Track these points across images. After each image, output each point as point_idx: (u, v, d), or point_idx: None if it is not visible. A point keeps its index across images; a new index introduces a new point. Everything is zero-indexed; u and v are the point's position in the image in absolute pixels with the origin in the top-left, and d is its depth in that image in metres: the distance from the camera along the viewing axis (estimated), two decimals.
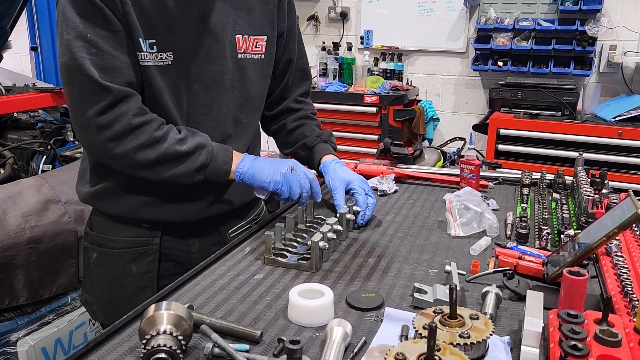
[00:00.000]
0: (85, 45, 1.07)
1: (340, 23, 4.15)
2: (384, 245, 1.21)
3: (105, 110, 1.08)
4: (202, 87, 1.21)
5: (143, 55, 1.12)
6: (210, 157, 1.17)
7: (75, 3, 1.07)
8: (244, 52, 1.26)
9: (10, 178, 2.06)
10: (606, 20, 3.33)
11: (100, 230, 1.30)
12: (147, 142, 1.12)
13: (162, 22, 1.13)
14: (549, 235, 1.18)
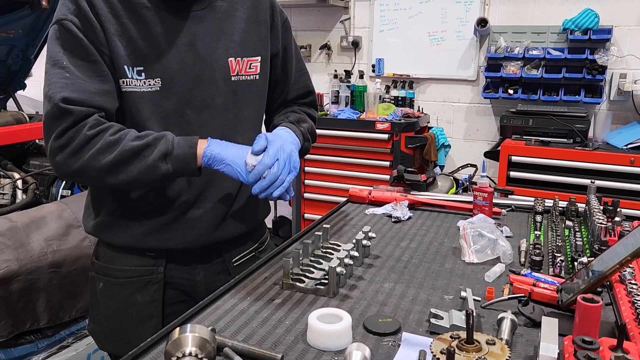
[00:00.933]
0: (60, 72, 1.11)
1: (352, 52, 4.23)
2: (399, 271, 1.23)
3: (64, 132, 1.10)
4: (193, 111, 1.23)
5: (128, 81, 1.17)
6: (172, 145, 1.13)
7: (58, 35, 1.13)
8: (237, 74, 1.28)
9: (32, 203, 2.11)
10: (616, 49, 3.37)
11: (105, 260, 1.32)
12: (103, 147, 1.11)
13: (149, 50, 1.17)
14: (562, 263, 1.19)
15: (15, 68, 2.89)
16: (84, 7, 1.13)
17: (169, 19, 1.19)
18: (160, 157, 1.12)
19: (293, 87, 1.47)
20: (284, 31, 1.39)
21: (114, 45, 1.15)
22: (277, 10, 1.37)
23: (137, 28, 1.16)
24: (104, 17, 1.14)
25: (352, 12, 4.19)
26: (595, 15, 3.35)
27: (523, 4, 3.67)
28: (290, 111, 1.45)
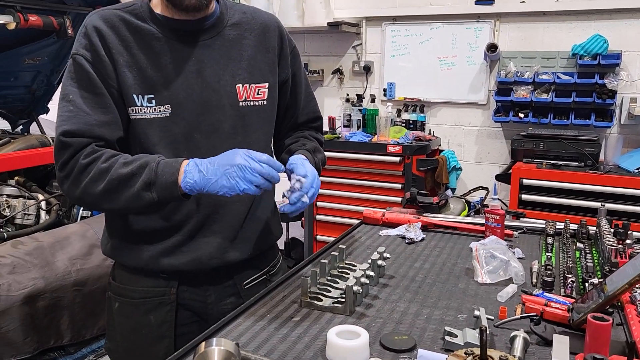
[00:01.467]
0: (66, 105, 1.20)
1: (364, 76, 4.31)
2: (413, 290, 1.27)
3: (66, 163, 1.18)
4: (202, 135, 1.28)
5: (137, 109, 1.23)
6: (155, 174, 1.15)
7: (71, 68, 1.22)
8: (245, 99, 1.33)
9: (55, 224, 2.18)
10: (625, 74, 3.41)
11: (121, 280, 1.36)
12: (95, 175, 1.16)
13: (159, 78, 1.24)
14: (573, 284, 1.22)
15: (39, 93, 3.00)
16: (95, 43, 1.21)
17: (178, 48, 1.25)
18: (144, 187, 1.15)
19: (302, 112, 1.52)
20: (292, 58, 1.44)
21: (124, 76, 1.21)
22: (285, 38, 1.42)
23: (147, 58, 1.23)
24: (115, 50, 1.21)
25: (364, 38, 4.29)
26: (604, 41, 3.41)
27: (532, 30, 3.74)
28: (302, 136, 1.50)
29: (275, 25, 1.40)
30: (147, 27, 1.24)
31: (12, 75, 2.77)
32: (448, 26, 3.98)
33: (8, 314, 1.52)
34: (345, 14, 4.22)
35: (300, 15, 4.14)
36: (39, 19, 2.33)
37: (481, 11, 3.83)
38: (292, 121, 1.51)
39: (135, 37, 1.23)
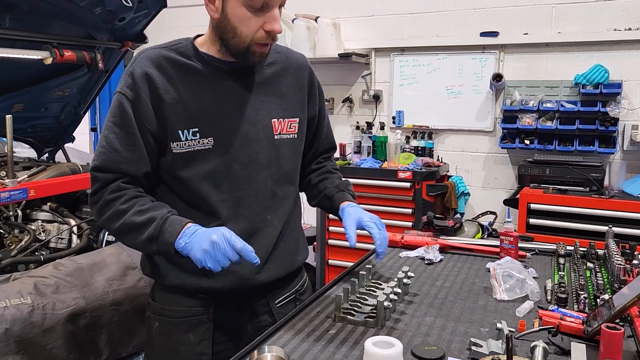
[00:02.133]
0: (101, 141, 1.34)
1: (374, 104, 4.46)
2: (437, 307, 1.37)
3: (94, 194, 1.33)
4: (240, 166, 1.38)
5: (182, 144, 1.32)
6: (159, 230, 1.27)
7: (114, 103, 1.34)
8: (280, 133, 1.43)
9: (86, 248, 2.28)
10: (626, 102, 3.54)
11: (161, 301, 1.45)
12: (112, 215, 1.30)
13: (203, 113, 1.33)
14: (586, 300, 1.32)
15: (66, 123, 3.14)
16: (139, 84, 1.30)
17: (221, 85, 1.37)
18: (148, 240, 1.28)
19: (322, 143, 1.65)
20: (319, 95, 1.58)
21: (169, 114, 1.32)
22: (314, 76, 1.55)
23: (192, 93, 1.34)
24: (162, 89, 1.31)
25: (373, 68, 4.45)
26: (605, 71, 3.55)
27: (535, 61, 3.90)
28: (327, 171, 1.64)
29: (306, 65, 1.53)
30: (192, 64, 1.35)
31: (43, 106, 2.92)
32: (454, 57, 4.14)
33: (53, 331, 1.61)
34: (355, 45, 4.40)
35: (312, 47, 4.31)
36: (73, 54, 2.48)
37: (486, 43, 4.00)
38: (313, 151, 1.64)
39: (180, 73, 1.34)
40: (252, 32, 1.28)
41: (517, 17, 3.91)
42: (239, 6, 1.25)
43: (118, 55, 2.92)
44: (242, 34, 1.28)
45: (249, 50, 1.30)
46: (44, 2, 2.32)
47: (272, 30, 1.28)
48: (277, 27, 1.27)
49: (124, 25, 2.71)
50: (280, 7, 1.30)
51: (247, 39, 1.28)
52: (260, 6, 1.25)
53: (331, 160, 1.70)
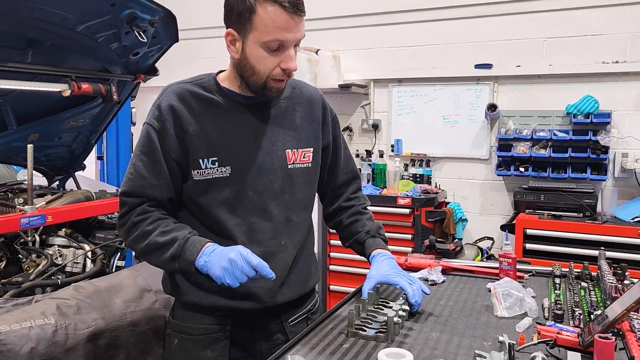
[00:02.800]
0: (129, 168, 1.46)
1: (373, 133, 4.60)
2: (442, 323, 1.46)
3: (123, 216, 1.45)
4: (255, 193, 1.47)
5: (202, 172, 1.43)
6: (181, 249, 1.37)
7: (142, 133, 1.46)
8: (293, 162, 1.52)
9: (100, 272, 2.37)
10: (616, 131, 3.69)
11: (181, 319, 1.54)
12: (139, 235, 1.42)
13: (223, 143, 1.44)
14: (581, 316, 1.41)
15: (78, 152, 3.25)
16: (166, 116, 1.43)
17: (240, 117, 1.48)
18: (171, 258, 1.39)
19: (342, 172, 1.73)
20: (333, 125, 1.68)
21: (192, 144, 1.43)
22: (327, 108, 1.66)
23: (213, 124, 1.45)
24: (185, 120, 1.43)
25: (372, 98, 4.61)
26: (595, 101, 3.71)
27: (528, 91, 4.06)
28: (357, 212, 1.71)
29: (319, 98, 1.65)
30: (214, 98, 1.47)
31: (57, 135, 3.03)
32: (450, 87, 4.30)
33: (75, 351, 1.69)
34: (354, 77, 4.56)
35: (312, 78, 4.47)
36: (89, 86, 2.61)
37: (481, 74, 4.17)
38: (334, 181, 1.72)
39: (203, 106, 1.46)
40: (269, 70, 1.39)
41: (509, 50, 4.09)
42: (256, 47, 1.37)
43: (130, 87, 3.05)
44: (259, 72, 1.40)
45: (266, 86, 1.42)
46: (65, 37, 2.46)
47: (287, 68, 1.40)
48: (292, 66, 1.39)
49: (138, 60, 2.85)
50: (296, 46, 1.42)
51: (264, 76, 1.40)
52: (277, 47, 1.37)
53: (359, 198, 1.76)
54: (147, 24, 2.62)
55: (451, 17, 4.26)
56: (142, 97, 5.25)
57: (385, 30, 4.51)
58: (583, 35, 3.86)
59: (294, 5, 1.33)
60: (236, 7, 1.36)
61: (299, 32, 1.38)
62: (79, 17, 2.42)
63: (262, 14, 1.33)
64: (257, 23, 1.34)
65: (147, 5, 2.56)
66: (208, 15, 5.08)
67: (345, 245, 1.77)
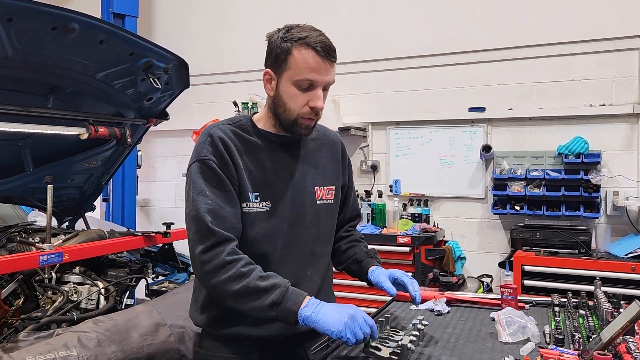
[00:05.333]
0: (203, 199, 1.47)
1: (372, 174, 4.74)
2: (450, 348, 1.55)
3: (209, 249, 1.43)
4: (288, 226, 1.57)
5: (249, 205, 1.53)
6: (283, 297, 1.38)
7: (201, 170, 1.50)
8: (321, 199, 1.66)
9: (112, 309, 2.43)
10: (606, 171, 3.85)
11: (209, 349, 1.61)
12: (234, 275, 1.40)
13: (263, 180, 1.56)
14: (580, 339, 1.51)
15: (89, 193, 3.35)
16: (221, 150, 1.51)
17: (276, 157, 1.60)
18: (270, 305, 1.39)
19: (349, 210, 1.87)
20: (349, 167, 1.83)
21: (242, 177, 1.53)
22: (345, 151, 1.81)
23: (254, 162, 1.57)
24: (235, 156, 1.53)
25: (371, 140, 4.77)
26: (585, 142, 3.88)
27: (521, 133, 4.24)
28: (354, 240, 1.84)
29: (339, 142, 1.79)
30: (253, 139, 1.59)
31: (70, 177, 3.14)
32: (446, 129, 4.48)
33: None
34: (353, 120, 4.74)
35: None
36: (106, 129, 2.74)
37: (475, 117, 4.35)
38: (341, 217, 1.84)
39: (244, 146, 1.57)
40: (299, 108, 1.51)
41: (502, 94, 4.29)
42: (289, 85, 1.50)
43: (142, 131, 3.19)
44: (290, 109, 1.52)
45: (296, 122, 1.54)
46: (85, 84, 2.60)
47: (314, 106, 1.52)
48: (319, 104, 1.52)
49: (151, 104, 3.00)
50: (325, 90, 1.56)
51: (294, 113, 1.52)
52: (307, 86, 1.51)
53: (357, 231, 1.90)
54: (161, 72, 2.78)
55: (446, 63, 4.48)
56: (146, 140, 5.42)
57: (383, 75, 4.72)
58: (571, 79, 4.07)
59: (325, 51, 1.48)
60: (275, 49, 1.52)
61: (328, 75, 1.51)
62: (99, 65, 2.57)
63: (296, 55, 1.48)
64: (291, 63, 1.48)
65: (162, 54, 2.72)
66: (208, 62, 5.33)
67: (339, 268, 1.86)
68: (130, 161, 4.55)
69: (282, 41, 1.50)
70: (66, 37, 2.25)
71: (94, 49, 2.42)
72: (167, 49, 2.77)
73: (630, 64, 3.92)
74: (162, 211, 5.68)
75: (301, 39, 1.48)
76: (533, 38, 4.16)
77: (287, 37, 1.49)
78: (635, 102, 3.89)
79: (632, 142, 3.90)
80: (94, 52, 2.45)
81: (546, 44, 4.12)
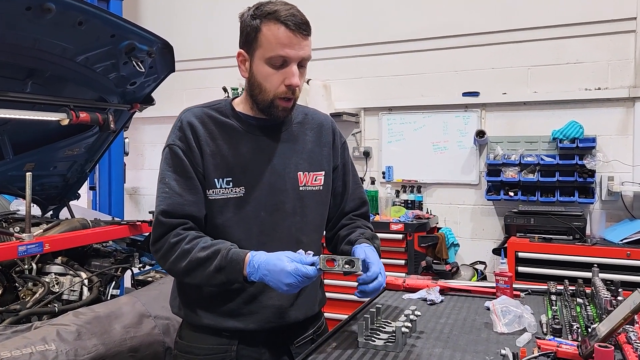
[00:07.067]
0: (162, 188, 1.48)
1: (364, 160, 4.66)
2: (444, 340, 1.48)
3: (157, 240, 1.46)
4: (267, 213, 1.51)
5: (216, 191, 1.47)
6: (225, 260, 1.37)
7: (167, 157, 1.50)
8: (305, 185, 1.57)
9: (95, 300, 2.36)
10: (601, 155, 3.79)
11: (188, 339, 1.56)
12: (179, 254, 1.41)
13: (237, 164, 1.49)
14: (578, 330, 1.45)
15: (72, 181, 3.26)
16: (188, 135, 1.49)
17: (254, 140, 1.54)
18: (216, 271, 1.38)
19: (350, 198, 1.74)
20: (342, 151, 1.71)
21: (208, 163, 1.49)
22: (337, 133, 1.70)
23: (229, 147, 1.51)
24: (203, 141, 1.49)
25: (363, 126, 4.69)
26: (580, 126, 3.82)
27: (515, 118, 4.17)
28: (356, 226, 1.69)
29: (329, 125, 1.69)
30: (229, 122, 1.53)
31: (52, 164, 3.04)
32: (439, 115, 4.40)
33: None
34: (345, 105, 4.65)
35: None
36: (87, 115, 2.64)
37: (468, 102, 4.28)
38: (342, 207, 1.72)
39: (219, 129, 1.52)
40: (274, 87, 1.45)
41: (496, 78, 4.21)
42: (262, 64, 1.44)
43: (126, 116, 3.09)
44: (266, 89, 1.46)
45: (273, 104, 1.48)
46: (64, 68, 2.50)
47: (290, 84, 1.45)
48: (294, 81, 1.44)
49: (135, 89, 2.90)
50: (302, 67, 1.48)
51: (270, 93, 1.46)
52: (280, 64, 1.44)
53: (363, 220, 1.72)
54: (144, 55, 2.68)
55: (438, 47, 4.39)
56: (134, 128, 5.32)
57: (375, 60, 4.63)
58: (566, 63, 4.00)
59: (296, 24, 1.41)
60: (245, 28, 1.46)
61: (302, 50, 1.44)
62: (78, 48, 2.47)
63: (266, 32, 1.41)
64: (262, 41, 1.42)
65: (145, 36, 2.62)
66: (197, 47, 5.21)
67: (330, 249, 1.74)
68: (117, 148, 4.45)
69: (251, 19, 1.44)
70: (42, 17, 2.14)
71: (72, 31, 2.32)
72: (153, 32, 2.67)
73: (626, 47, 3.85)
74: (151, 199, 5.54)
75: (270, 14, 1.41)
76: (527, 21, 4.07)
77: (257, 14, 1.43)
78: (630, 85, 3.83)
79: (628, 126, 3.84)
80: (73, 34, 2.35)
81: (541, 27, 4.04)
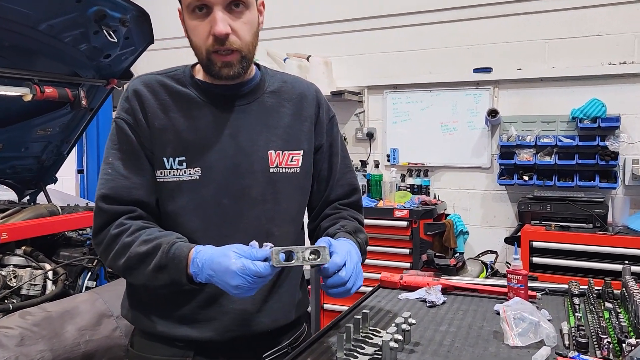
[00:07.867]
0: (105, 169, 1.26)
1: (367, 142, 4.39)
2: (443, 355, 1.22)
3: (99, 231, 1.24)
4: (230, 200, 1.26)
5: (166, 172, 1.24)
6: (166, 257, 1.14)
7: (113, 130, 1.28)
8: (277, 166, 1.31)
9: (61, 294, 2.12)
10: (626, 136, 3.47)
11: (138, 348, 1.33)
12: (119, 250, 1.19)
13: (194, 141, 1.25)
14: (609, 345, 1.17)
15: (48, 163, 3.03)
16: (134, 106, 1.26)
17: (216, 112, 1.28)
18: (156, 269, 1.16)
19: (337, 184, 1.45)
20: (330, 127, 1.43)
21: (157, 140, 1.24)
22: (323, 106, 1.41)
23: (184, 120, 1.26)
24: (151, 113, 1.25)
25: (366, 106, 4.40)
26: (602, 105, 3.50)
27: (530, 96, 3.85)
28: (340, 217, 1.42)
29: (313, 94, 1.41)
30: (187, 92, 1.28)
31: (23, 145, 2.81)
32: (448, 93, 4.10)
33: None
34: (347, 83, 4.36)
35: None
36: (54, 90, 2.39)
37: (480, 79, 3.96)
38: (327, 193, 1.44)
39: (174, 100, 1.27)
40: (203, 40, 1.22)
41: (510, 53, 3.89)
42: (188, 18, 1.24)
43: (104, 93, 2.84)
44: (197, 45, 1.24)
45: (210, 60, 1.23)
46: (27, 37, 2.25)
47: (214, 32, 1.19)
48: (217, 29, 1.18)
49: (110, 63, 2.64)
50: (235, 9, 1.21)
51: (202, 48, 1.23)
52: (201, 11, 1.20)
53: (352, 210, 1.45)
54: (117, 23, 2.42)
55: (447, 19, 4.07)
56: None
57: (378, 34, 4.32)
58: (587, 35, 3.66)
59: None
60: None
61: None
62: (40, 15, 2.22)
63: None
64: None
65: (117, 2, 2.36)
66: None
67: None
68: (105, 129, 4.21)
69: None
70: None
71: None
72: None
73: None
74: None
75: None
76: None
77: None
78: None
79: None
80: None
81: None
